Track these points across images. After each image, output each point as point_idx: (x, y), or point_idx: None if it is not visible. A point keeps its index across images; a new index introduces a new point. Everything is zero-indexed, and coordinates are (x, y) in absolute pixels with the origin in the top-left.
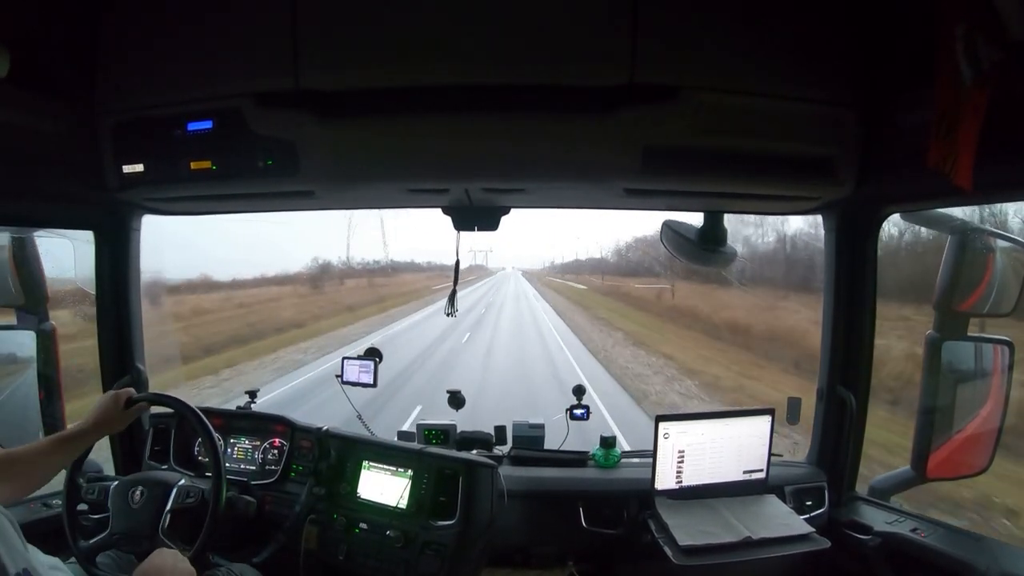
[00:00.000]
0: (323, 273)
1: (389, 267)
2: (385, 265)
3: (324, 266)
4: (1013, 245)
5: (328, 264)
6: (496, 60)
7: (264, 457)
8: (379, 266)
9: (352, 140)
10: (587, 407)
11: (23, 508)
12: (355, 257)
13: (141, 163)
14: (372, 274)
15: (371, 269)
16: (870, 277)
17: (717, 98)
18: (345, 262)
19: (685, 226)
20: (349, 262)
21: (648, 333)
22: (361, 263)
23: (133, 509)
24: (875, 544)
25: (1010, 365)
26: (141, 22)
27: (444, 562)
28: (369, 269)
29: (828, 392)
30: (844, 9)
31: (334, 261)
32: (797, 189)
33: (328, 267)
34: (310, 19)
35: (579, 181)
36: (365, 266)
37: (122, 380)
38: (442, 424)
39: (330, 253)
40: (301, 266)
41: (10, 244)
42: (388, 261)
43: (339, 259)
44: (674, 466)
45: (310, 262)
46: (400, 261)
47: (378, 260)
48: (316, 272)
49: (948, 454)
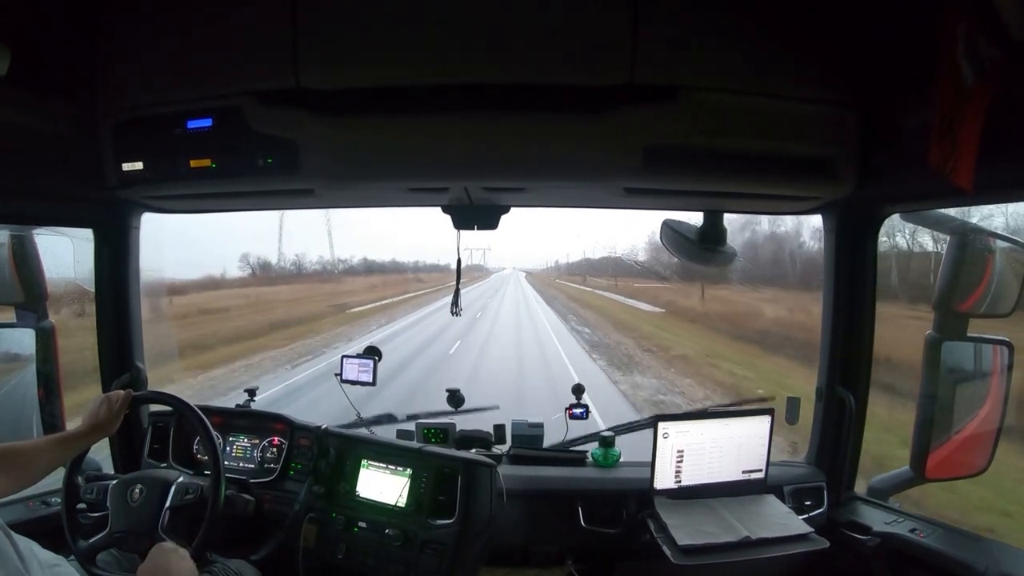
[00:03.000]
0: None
1: (343, 268)
2: (335, 266)
3: (264, 265)
4: (1012, 246)
5: (268, 264)
6: (496, 59)
7: (263, 455)
8: (339, 267)
9: (352, 138)
10: (586, 406)
11: (22, 507)
12: (303, 256)
13: (141, 161)
14: (312, 278)
15: (319, 272)
16: (870, 277)
17: (717, 98)
18: (294, 262)
19: (685, 225)
20: (282, 262)
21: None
22: (320, 262)
23: (132, 507)
24: (874, 544)
25: (1009, 365)
26: (141, 20)
27: (443, 561)
28: (318, 272)
29: (827, 392)
30: (844, 9)
31: (275, 260)
32: (797, 189)
33: (268, 267)
34: (310, 17)
35: (579, 180)
36: (306, 268)
37: (121, 378)
38: (441, 423)
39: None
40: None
41: (9, 242)
42: (339, 262)
43: (288, 257)
44: (673, 466)
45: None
46: (383, 261)
47: (346, 259)
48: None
49: (947, 454)
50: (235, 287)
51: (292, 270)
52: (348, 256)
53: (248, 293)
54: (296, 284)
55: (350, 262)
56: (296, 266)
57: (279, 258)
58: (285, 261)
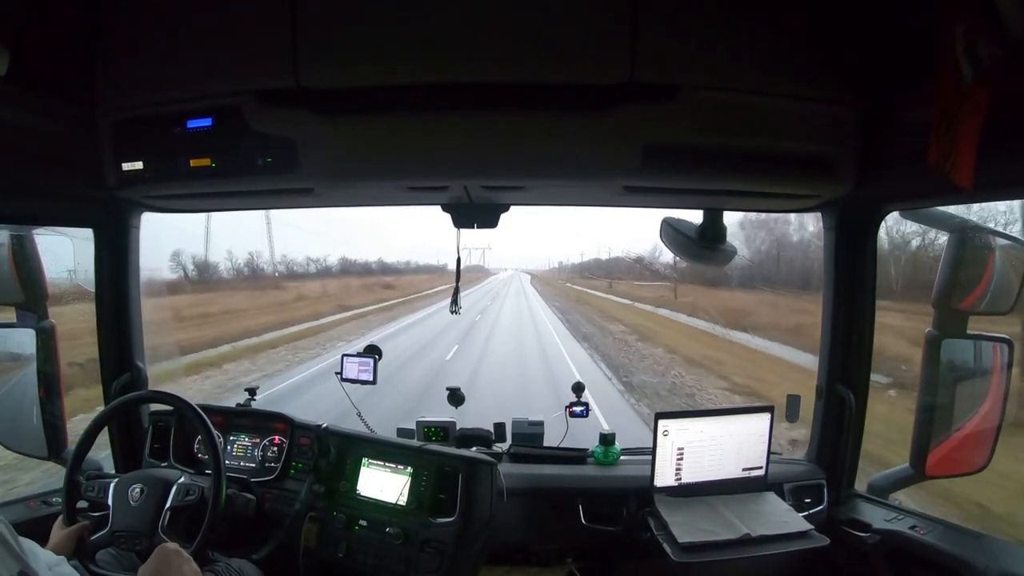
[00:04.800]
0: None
1: (286, 272)
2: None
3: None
4: (1012, 243)
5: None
6: (496, 58)
7: (264, 454)
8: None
9: (351, 138)
10: (586, 404)
11: (23, 506)
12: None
13: (140, 161)
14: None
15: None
16: (870, 275)
17: (717, 96)
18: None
19: (685, 224)
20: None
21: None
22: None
23: (133, 507)
24: (874, 541)
25: (1009, 363)
26: (141, 20)
27: (443, 559)
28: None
29: (827, 390)
30: (844, 7)
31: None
32: (797, 187)
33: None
34: (310, 16)
35: (579, 179)
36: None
37: (121, 378)
38: (441, 421)
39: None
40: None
41: (9, 242)
42: (280, 263)
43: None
44: (673, 463)
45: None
46: (364, 261)
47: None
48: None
49: (947, 452)
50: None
51: (232, 272)
52: (322, 256)
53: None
54: (218, 292)
55: (298, 262)
56: (235, 267)
57: (203, 258)
58: (213, 261)
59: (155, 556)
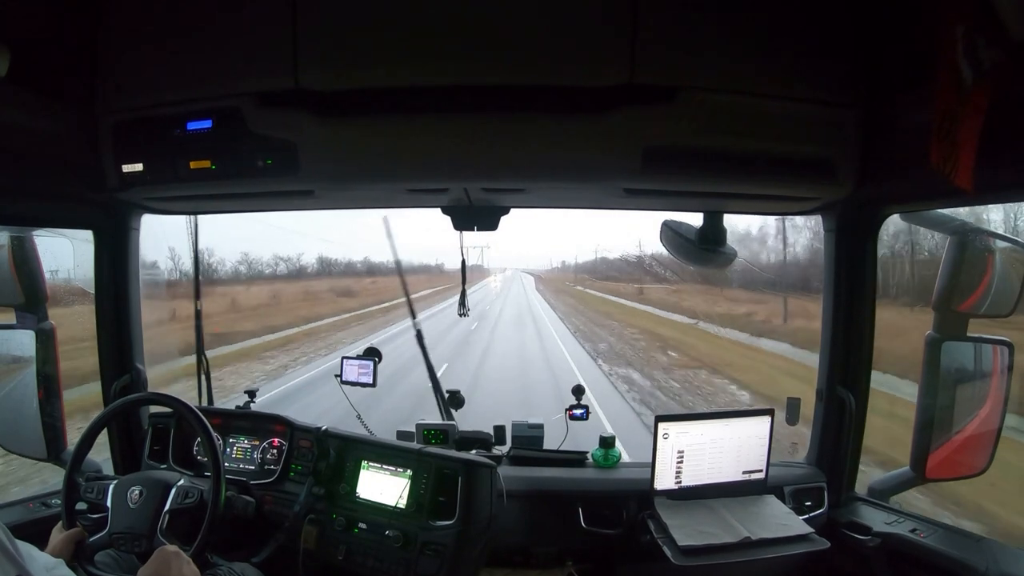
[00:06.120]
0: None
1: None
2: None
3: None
4: (1013, 246)
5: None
6: (495, 60)
7: (263, 457)
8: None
9: (351, 140)
10: (586, 407)
11: (22, 508)
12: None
13: (140, 163)
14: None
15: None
16: (870, 277)
17: (716, 98)
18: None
19: (685, 226)
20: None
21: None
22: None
23: (132, 509)
24: (874, 544)
25: (1009, 366)
26: (141, 22)
27: (443, 562)
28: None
29: (827, 392)
30: (844, 9)
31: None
32: (797, 189)
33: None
34: (310, 19)
35: (579, 181)
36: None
37: (121, 379)
38: (441, 424)
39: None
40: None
41: (9, 243)
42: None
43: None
44: (673, 466)
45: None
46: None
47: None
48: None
49: (947, 454)
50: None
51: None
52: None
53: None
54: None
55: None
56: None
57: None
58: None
59: (154, 558)
